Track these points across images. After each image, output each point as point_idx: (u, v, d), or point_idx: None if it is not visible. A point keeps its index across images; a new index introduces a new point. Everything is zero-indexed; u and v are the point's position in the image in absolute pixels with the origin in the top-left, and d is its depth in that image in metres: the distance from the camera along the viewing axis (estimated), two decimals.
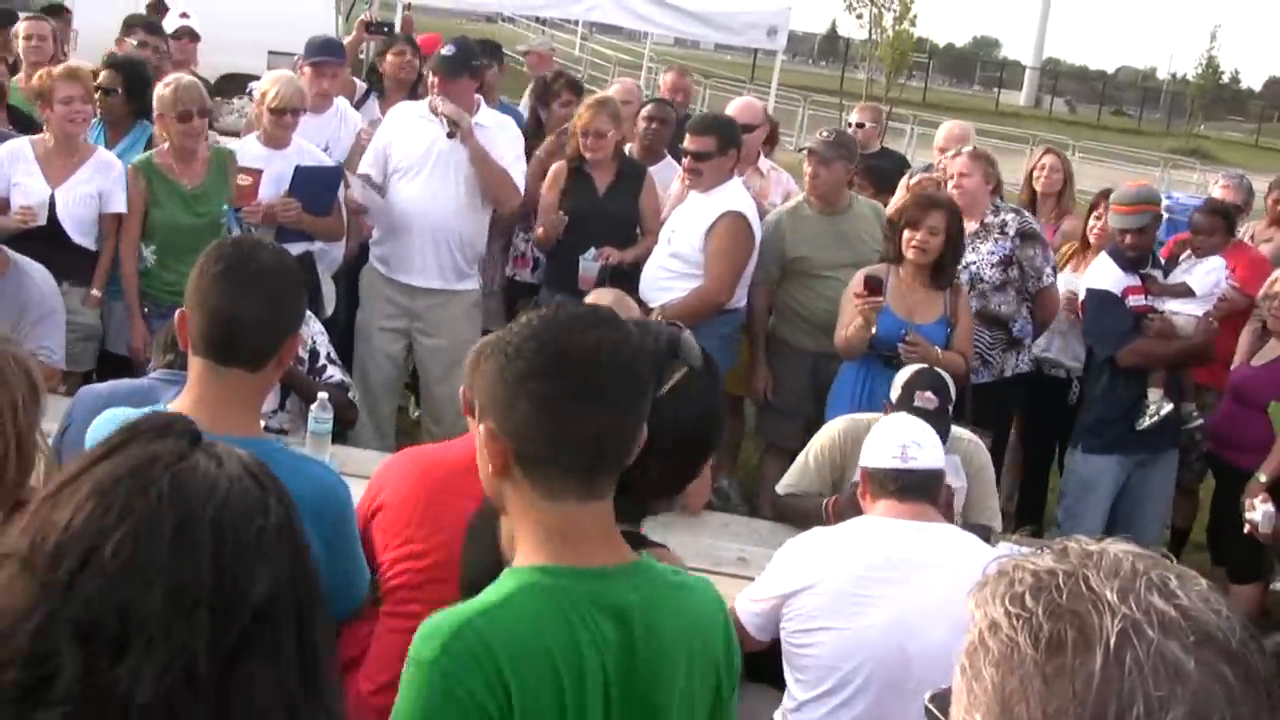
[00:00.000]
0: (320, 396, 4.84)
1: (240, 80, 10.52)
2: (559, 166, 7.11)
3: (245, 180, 6.23)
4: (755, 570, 4.25)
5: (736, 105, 8.00)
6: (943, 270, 6.01)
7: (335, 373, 5.36)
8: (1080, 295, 6.68)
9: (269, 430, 4.80)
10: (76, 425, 3.22)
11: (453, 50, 6.72)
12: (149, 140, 6.84)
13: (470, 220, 6.89)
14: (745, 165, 7.39)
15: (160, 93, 6.26)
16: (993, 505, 5.05)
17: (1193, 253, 6.88)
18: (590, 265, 6.80)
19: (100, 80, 6.82)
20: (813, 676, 3.65)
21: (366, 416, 6.40)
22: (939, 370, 4.99)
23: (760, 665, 4.35)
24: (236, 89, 9.90)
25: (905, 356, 5.67)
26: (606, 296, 4.99)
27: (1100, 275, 6.54)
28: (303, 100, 6.73)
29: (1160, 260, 6.72)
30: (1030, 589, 1.11)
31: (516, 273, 7.59)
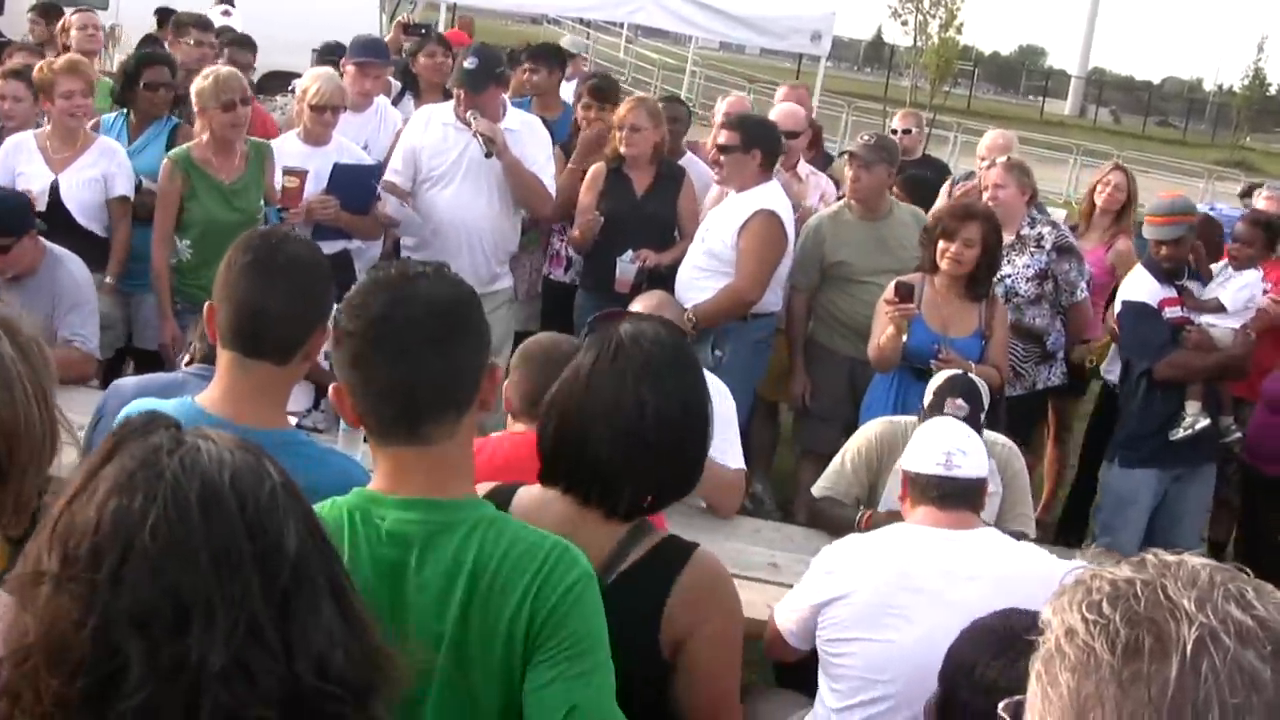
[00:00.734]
0: None
1: (284, 78, 10.57)
2: (598, 168, 7.11)
3: (292, 182, 6.23)
4: (787, 576, 4.23)
5: (779, 111, 7.98)
6: (978, 282, 5.93)
7: None
8: (1116, 308, 6.62)
9: (303, 429, 4.81)
10: (108, 418, 3.23)
11: (475, 63, 6.62)
12: (172, 133, 6.87)
13: (502, 224, 6.88)
14: (786, 170, 7.36)
15: (201, 85, 6.25)
16: (1027, 512, 5.00)
17: (1230, 263, 6.82)
18: (628, 267, 6.78)
19: (150, 77, 6.89)
20: (847, 686, 3.60)
21: None
22: (973, 378, 4.95)
23: (788, 672, 4.36)
24: (280, 87, 9.95)
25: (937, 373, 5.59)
26: (653, 299, 5.01)
27: (1136, 287, 6.48)
28: (343, 98, 6.75)
29: (1197, 272, 6.65)
30: (1108, 597, 1.13)
31: (551, 271, 7.58)
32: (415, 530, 2.23)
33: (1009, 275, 6.55)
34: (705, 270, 6.44)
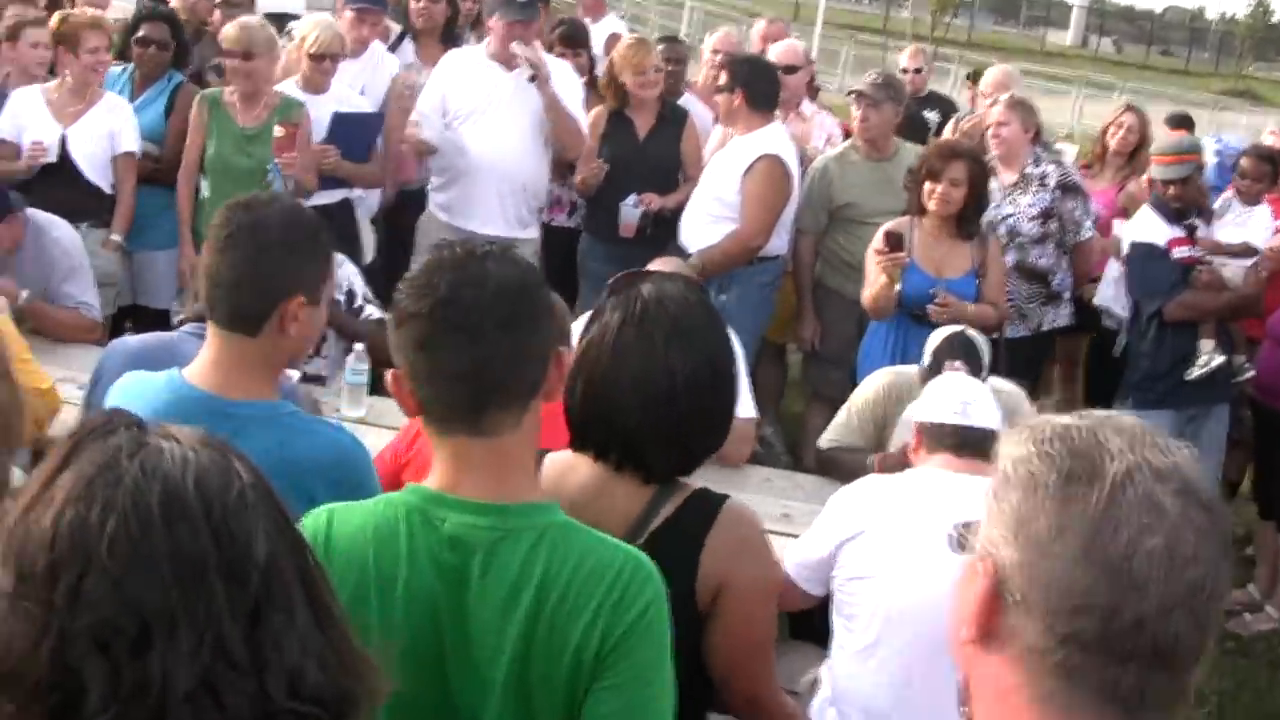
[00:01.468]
0: (357, 348, 4.81)
1: (280, 20, 10.44)
2: (598, 111, 7.03)
3: (279, 132, 6.18)
4: (799, 527, 4.19)
5: (777, 48, 7.88)
6: (968, 221, 5.88)
7: (374, 311, 5.25)
8: (1124, 249, 6.57)
9: (306, 377, 4.77)
10: (107, 378, 3.19)
11: None
12: (175, 90, 6.81)
13: (534, 164, 6.79)
14: (788, 109, 7.30)
15: (226, 32, 6.30)
16: None
17: (1238, 198, 6.75)
18: (631, 212, 6.74)
19: (143, 32, 6.83)
20: (862, 626, 3.58)
21: None
22: (970, 336, 4.87)
23: (802, 623, 4.34)
24: (276, 29, 9.82)
25: (936, 317, 5.57)
26: (669, 265, 4.98)
27: (1144, 228, 6.40)
28: (342, 46, 6.65)
29: (1201, 210, 6.58)
30: (1054, 434, 1.39)
31: (553, 218, 7.48)
32: (479, 535, 2.12)
33: (1012, 215, 6.51)
34: (710, 216, 6.40)
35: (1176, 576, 1.32)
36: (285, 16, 7.55)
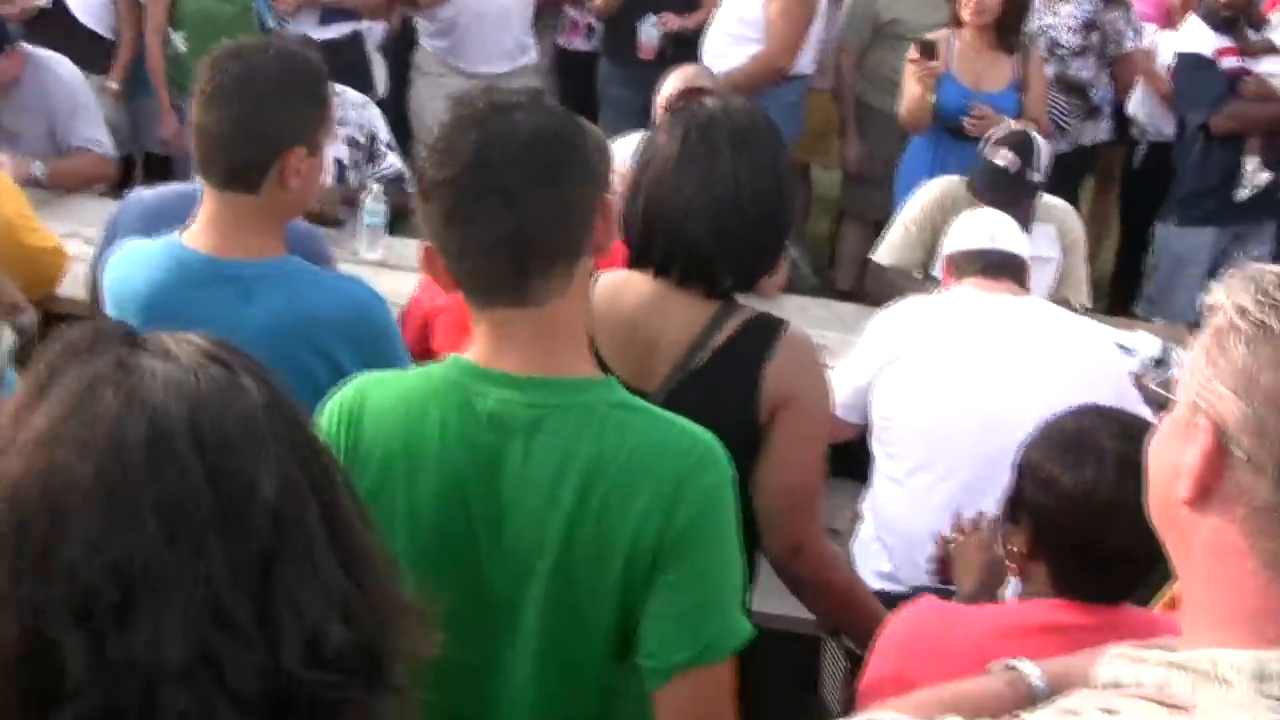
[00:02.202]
0: (373, 187, 4.68)
1: None
2: None
3: None
4: (835, 359, 4.09)
5: None
6: (1009, 30, 5.72)
7: (394, 161, 5.12)
8: (1169, 60, 6.35)
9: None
10: (121, 235, 3.07)
11: None
12: None
13: None
14: None
15: None
16: (1082, 278, 4.99)
17: None
18: (650, 32, 6.58)
19: None
20: (903, 450, 3.54)
21: None
22: (1033, 135, 4.81)
23: (841, 459, 4.25)
24: None
25: (972, 131, 5.50)
26: (690, 70, 5.02)
27: (1190, 38, 6.19)
28: None
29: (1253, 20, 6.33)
30: (1275, 284, 1.29)
31: (570, 42, 7.32)
32: (522, 413, 1.92)
33: (1052, 25, 6.34)
34: (735, 37, 6.21)
35: None
36: None
